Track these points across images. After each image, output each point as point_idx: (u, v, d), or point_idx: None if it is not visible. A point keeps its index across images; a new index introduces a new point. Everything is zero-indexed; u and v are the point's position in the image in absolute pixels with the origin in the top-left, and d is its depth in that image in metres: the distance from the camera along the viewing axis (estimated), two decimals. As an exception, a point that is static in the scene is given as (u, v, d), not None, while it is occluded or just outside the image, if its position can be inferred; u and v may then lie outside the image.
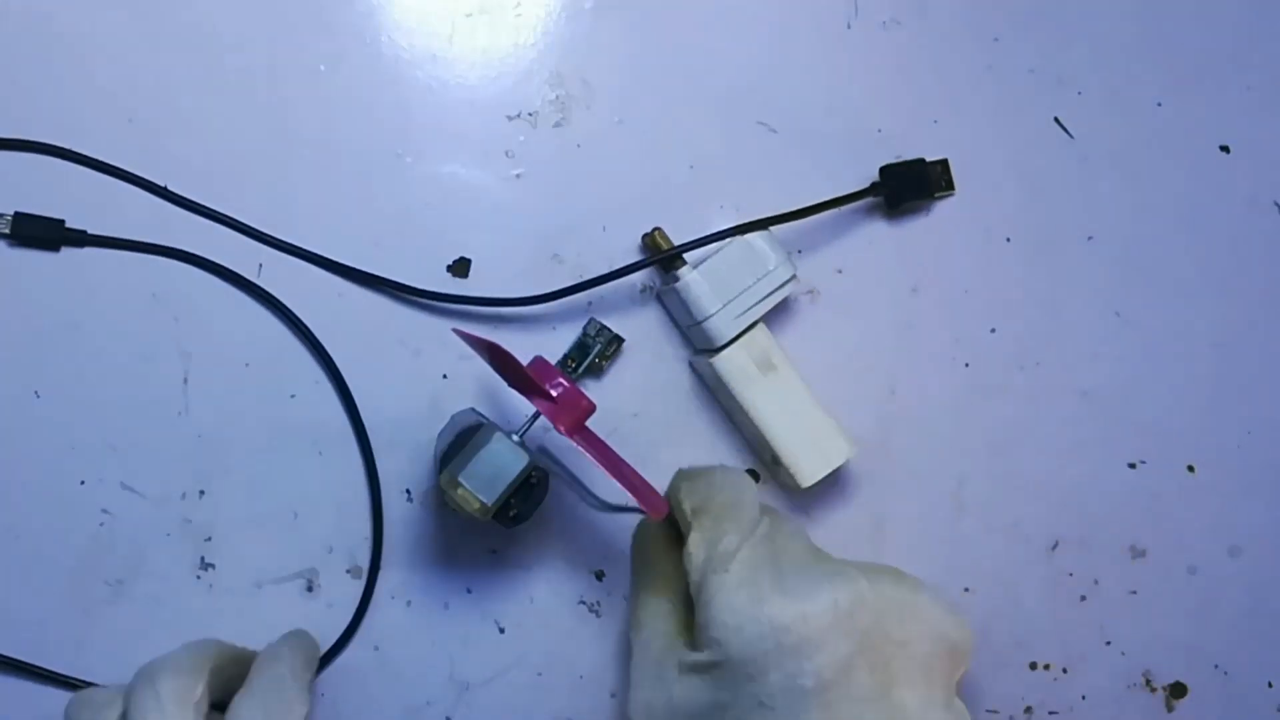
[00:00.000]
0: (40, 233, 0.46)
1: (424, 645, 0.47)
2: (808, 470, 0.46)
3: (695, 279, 0.46)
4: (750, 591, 0.39)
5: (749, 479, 0.43)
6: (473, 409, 0.45)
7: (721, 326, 0.46)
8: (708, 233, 0.46)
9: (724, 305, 0.46)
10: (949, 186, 0.50)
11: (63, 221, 0.46)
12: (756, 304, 0.46)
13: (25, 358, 0.46)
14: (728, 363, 0.46)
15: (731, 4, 0.50)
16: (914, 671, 0.39)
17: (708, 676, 0.39)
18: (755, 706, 0.38)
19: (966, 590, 0.50)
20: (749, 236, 0.46)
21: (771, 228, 0.47)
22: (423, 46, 0.48)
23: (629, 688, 0.41)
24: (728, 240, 0.46)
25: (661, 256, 0.46)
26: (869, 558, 0.49)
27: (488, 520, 0.42)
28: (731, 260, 0.46)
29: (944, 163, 0.50)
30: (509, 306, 0.47)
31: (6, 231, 0.45)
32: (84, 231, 0.46)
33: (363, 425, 0.47)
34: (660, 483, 0.43)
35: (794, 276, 0.46)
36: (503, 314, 0.48)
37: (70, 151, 0.46)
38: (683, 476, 0.44)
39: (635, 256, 0.48)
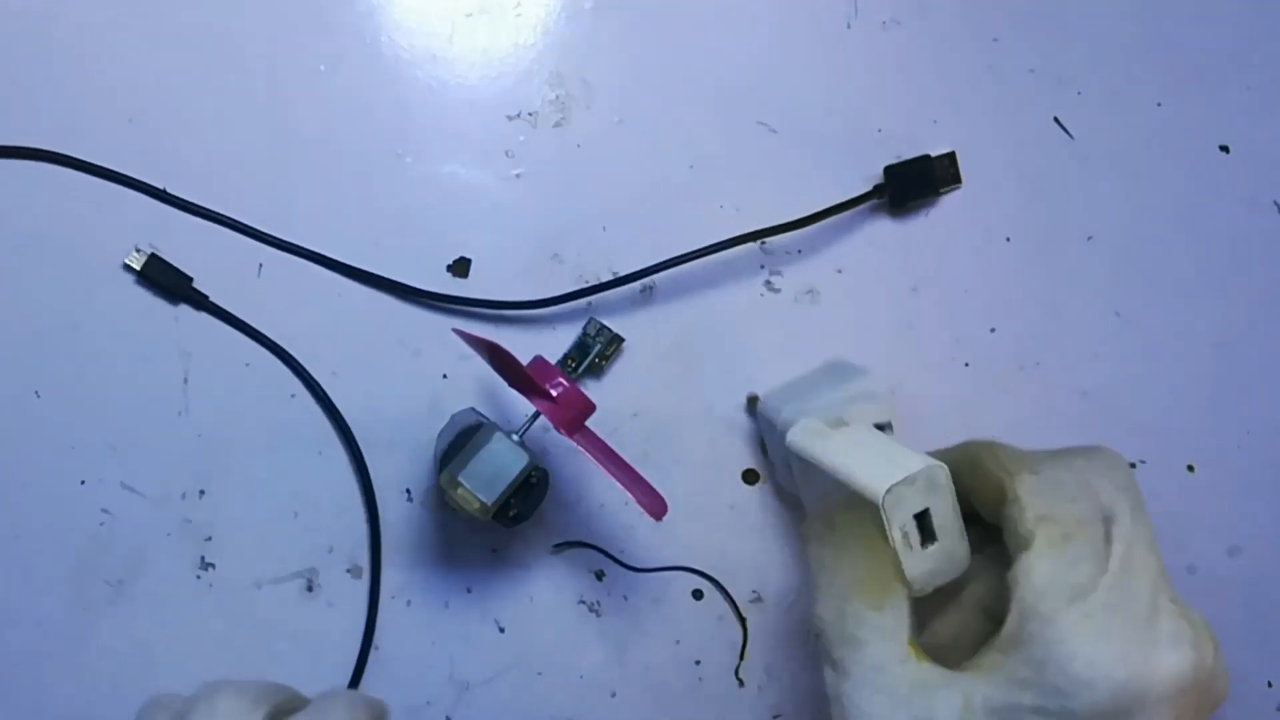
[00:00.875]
0: (167, 281, 0.46)
1: (424, 645, 0.47)
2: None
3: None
4: (1110, 644, 0.34)
5: (1105, 480, 0.37)
6: (473, 409, 0.45)
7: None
8: (709, 239, 0.46)
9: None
10: (955, 180, 0.50)
11: (191, 279, 0.46)
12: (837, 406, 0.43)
13: (25, 358, 0.46)
14: (801, 432, 0.42)
15: (731, 4, 0.50)
16: None
17: (1017, 716, 0.34)
18: None
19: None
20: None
21: (772, 238, 0.47)
22: (423, 46, 0.48)
23: (850, 714, 0.36)
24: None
25: (665, 265, 0.46)
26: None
27: (488, 520, 0.42)
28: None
29: (951, 155, 0.50)
30: (510, 309, 0.47)
31: (137, 268, 0.46)
32: (206, 296, 0.47)
33: (350, 432, 0.47)
34: (660, 482, 0.43)
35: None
36: (503, 314, 0.48)
37: (69, 158, 0.46)
38: (1026, 465, 0.37)
39: (634, 256, 0.48)
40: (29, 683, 0.45)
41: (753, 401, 0.48)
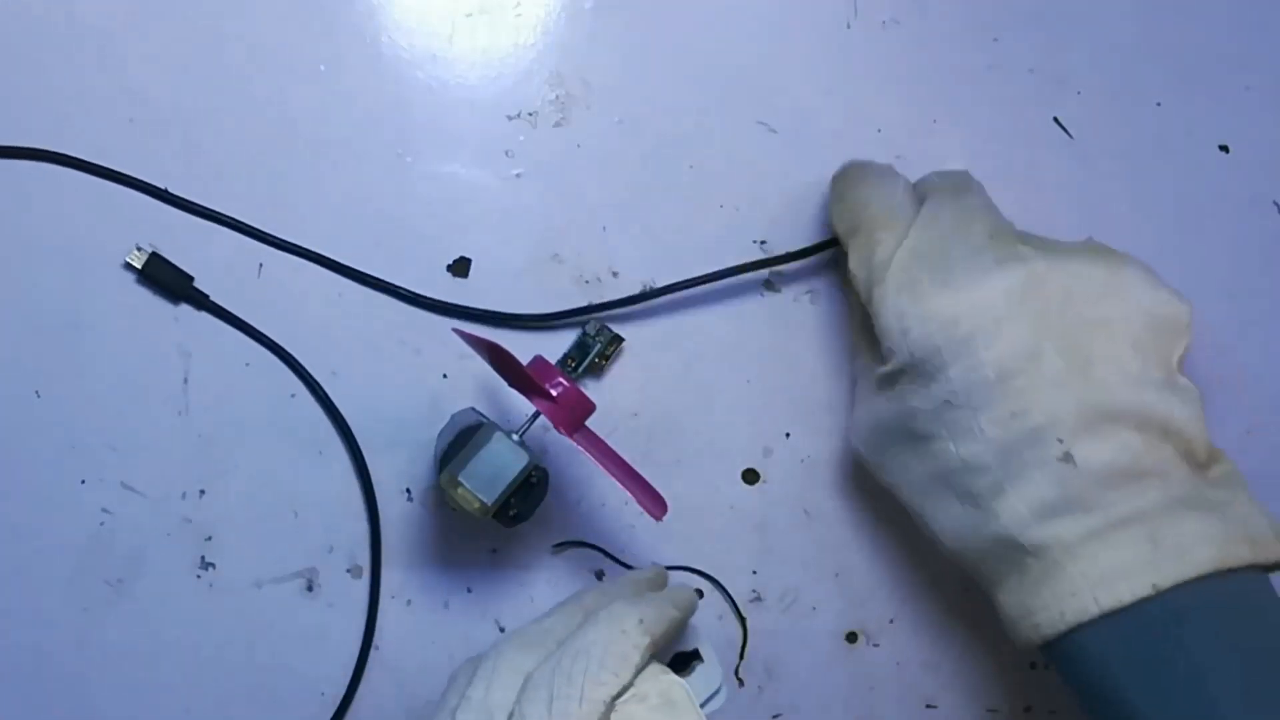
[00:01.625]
0: (168, 280, 0.46)
1: (424, 645, 0.47)
2: None
3: None
4: (910, 292, 0.38)
5: (901, 178, 0.42)
6: (473, 409, 0.45)
7: None
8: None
9: None
10: None
11: (192, 279, 0.46)
12: None
13: (25, 358, 0.46)
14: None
15: (731, 4, 0.50)
16: (1121, 349, 0.37)
17: (895, 387, 0.40)
18: (942, 406, 0.38)
19: (966, 589, 0.50)
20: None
21: (780, 267, 0.47)
22: (423, 46, 0.48)
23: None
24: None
25: (669, 289, 0.46)
26: (868, 555, 0.49)
27: (488, 520, 0.42)
28: None
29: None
30: (511, 321, 0.47)
31: (138, 267, 0.45)
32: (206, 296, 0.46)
33: (350, 432, 0.47)
34: (659, 481, 0.43)
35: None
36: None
37: (69, 157, 0.46)
38: (834, 197, 0.43)
39: (634, 256, 0.48)
40: (29, 682, 0.45)
41: None
